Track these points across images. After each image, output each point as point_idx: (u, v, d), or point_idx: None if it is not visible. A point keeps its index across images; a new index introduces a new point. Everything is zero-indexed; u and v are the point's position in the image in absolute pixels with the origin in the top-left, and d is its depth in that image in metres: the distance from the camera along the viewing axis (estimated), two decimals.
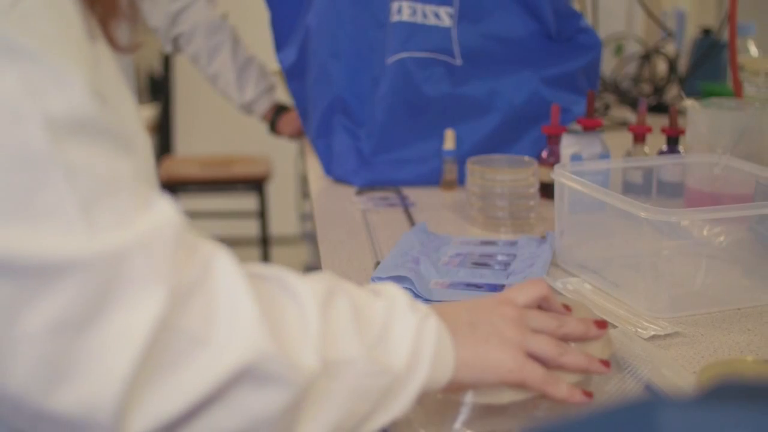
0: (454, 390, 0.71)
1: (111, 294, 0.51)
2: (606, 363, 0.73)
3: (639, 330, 0.94)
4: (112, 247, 0.51)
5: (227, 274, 0.56)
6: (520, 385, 0.70)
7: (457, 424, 0.73)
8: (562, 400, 0.70)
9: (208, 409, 0.54)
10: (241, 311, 0.55)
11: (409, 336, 0.65)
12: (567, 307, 0.78)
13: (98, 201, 0.51)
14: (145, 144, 0.65)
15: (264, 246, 3.45)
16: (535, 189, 1.33)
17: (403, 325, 0.66)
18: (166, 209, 0.55)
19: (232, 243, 4.06)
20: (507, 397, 0.71)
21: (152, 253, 0.52)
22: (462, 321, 0.70)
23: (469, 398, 0.72)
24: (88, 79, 0.53)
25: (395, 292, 0.69)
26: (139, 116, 0.66)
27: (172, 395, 0.52)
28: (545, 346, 0.71)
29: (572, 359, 0.71)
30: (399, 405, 0.64)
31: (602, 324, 0.76)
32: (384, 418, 0.64)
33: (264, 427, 0.56)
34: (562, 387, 0.70)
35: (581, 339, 0.75)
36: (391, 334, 0.65)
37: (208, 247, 0.57)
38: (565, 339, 0.74)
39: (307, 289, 0.61)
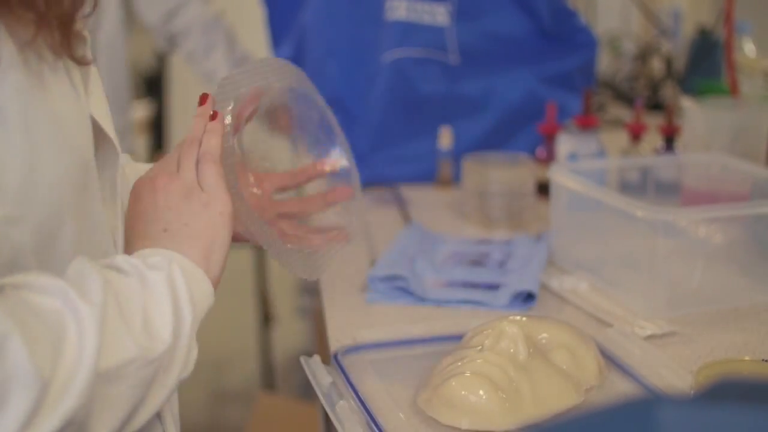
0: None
1: None
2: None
3: (636, 329, 0.94)
4: None
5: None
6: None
7: None
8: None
9: None
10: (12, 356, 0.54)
11: (167, 303, 0.65)
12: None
13: None
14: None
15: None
16: (531, 187, 1.33)
17: (159, 298, 0.66)
18: None
19: None
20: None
21: None
22: (159, 228, 0.71)
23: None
24: None
25: (134, 261, 0.68)
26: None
27: None
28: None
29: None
30: (177, 364, 0.65)
31: (214, 116, 0.76)
32: (170, 379, 0.65)
33: None
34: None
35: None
36: (151, 312, 0.65)
37: None
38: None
39: (91, 307, 0.60)
